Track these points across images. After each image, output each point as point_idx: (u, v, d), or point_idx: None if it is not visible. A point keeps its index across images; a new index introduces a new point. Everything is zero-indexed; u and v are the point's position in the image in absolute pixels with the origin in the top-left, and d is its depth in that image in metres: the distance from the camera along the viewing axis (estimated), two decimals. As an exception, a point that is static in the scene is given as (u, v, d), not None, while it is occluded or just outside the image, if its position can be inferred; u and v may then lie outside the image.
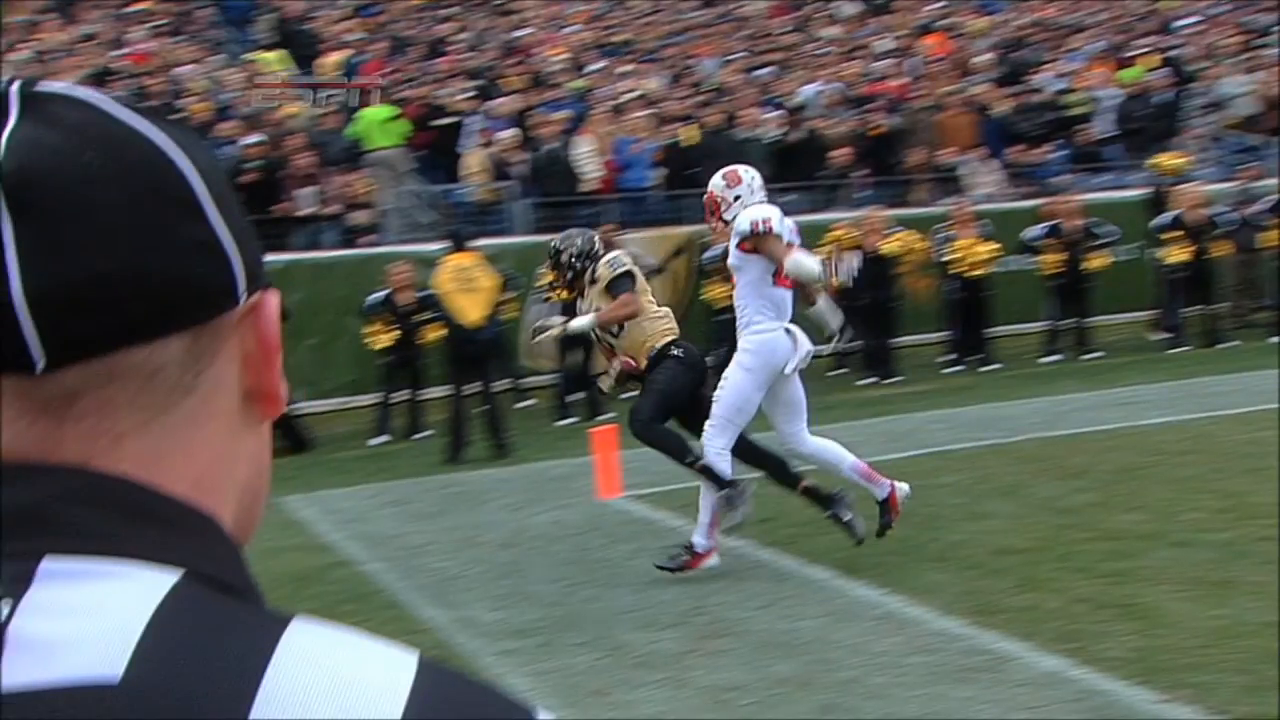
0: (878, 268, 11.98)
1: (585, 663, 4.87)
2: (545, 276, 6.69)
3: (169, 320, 0.63)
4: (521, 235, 13.41)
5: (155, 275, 0.61)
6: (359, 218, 13.31)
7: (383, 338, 10.72)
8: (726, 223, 6.13)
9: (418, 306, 10.52)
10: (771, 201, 13.33)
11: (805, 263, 5.93)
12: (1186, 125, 16.58)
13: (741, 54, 18.18)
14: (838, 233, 12.16)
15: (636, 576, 6.06)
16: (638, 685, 4.57)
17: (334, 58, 15.84)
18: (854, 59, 18.19)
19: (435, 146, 14.57)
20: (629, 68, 17.04)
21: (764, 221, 5.91)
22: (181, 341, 0.63)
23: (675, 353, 6.25)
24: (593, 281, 6.41)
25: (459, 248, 10.18)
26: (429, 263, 10.52)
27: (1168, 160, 14.41)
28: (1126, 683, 4.14)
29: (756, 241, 5.93)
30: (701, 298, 12.49)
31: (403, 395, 11.03)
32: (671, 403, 6.19)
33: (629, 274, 6.35)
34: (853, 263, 6.01)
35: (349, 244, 13.02)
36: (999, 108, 16.33)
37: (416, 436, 10.96)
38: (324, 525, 7.61)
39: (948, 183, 15.27)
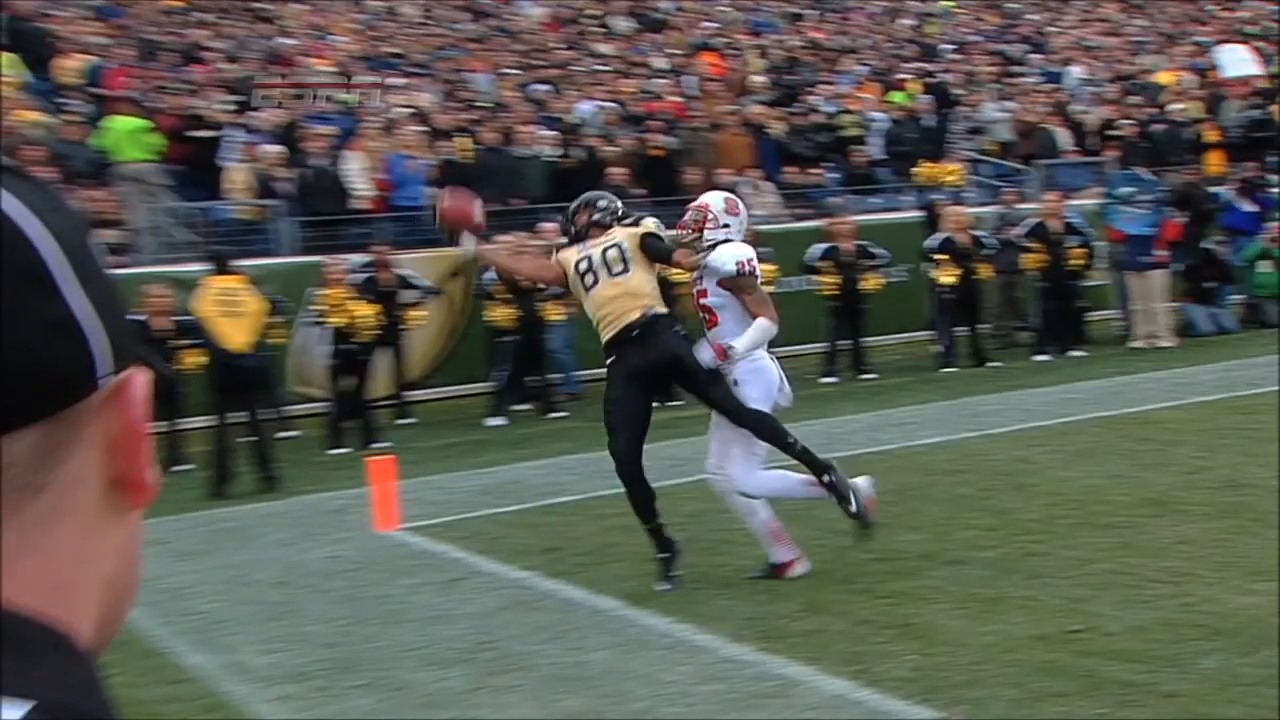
0: (661, 289, 12.19)
1: (367, 705, 4.81)
2: (577, 219, 6.46)
3: (17, 414, 0.58)
4: (288, 256, 13.12)
5: (0, 365, 0.56)
6: (108, 236, 12.75)
7: (137, 365, 10.29)
8: (699, 237, 6.23)
9: (176, 332, 10.15)
10: (552, 220, 13.39)
11: (767, 334, 6.09)
12: (952, 149, 17.55)
13: (516, 69, 18.28)
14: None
15: (418, 612, 6.02)
16: (424, 727, 4.55)
17: (73, 62, 15.13)
18: (630, 77, 18.54)
19: (192, 160, 14.10)
20: (400, 81, 16.91)
21: (748, 262, 6.11)
22: (32, 435, 0.58)
23: (681, 330, 6.30)
24: (630, 225, 6.40)
25: (222, 269, 9.90)
26: (189, 285, 10.18)
27: (929, 170, 15.13)
28: (908, 702, 4.37)
29: (736, 282, 6.08)
30: (483, 320, 12.46)
31: (160, 426, 10.61)
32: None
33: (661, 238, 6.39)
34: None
35: (97, 264, 12.45)
36: (774, 128, 16.91)
37: (176, 470, 10.57)
38: (75, 570, 7.25)
39: (726, 203, 15.68)
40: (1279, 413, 8.65)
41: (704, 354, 6.08)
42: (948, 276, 13.46)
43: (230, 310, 9.61)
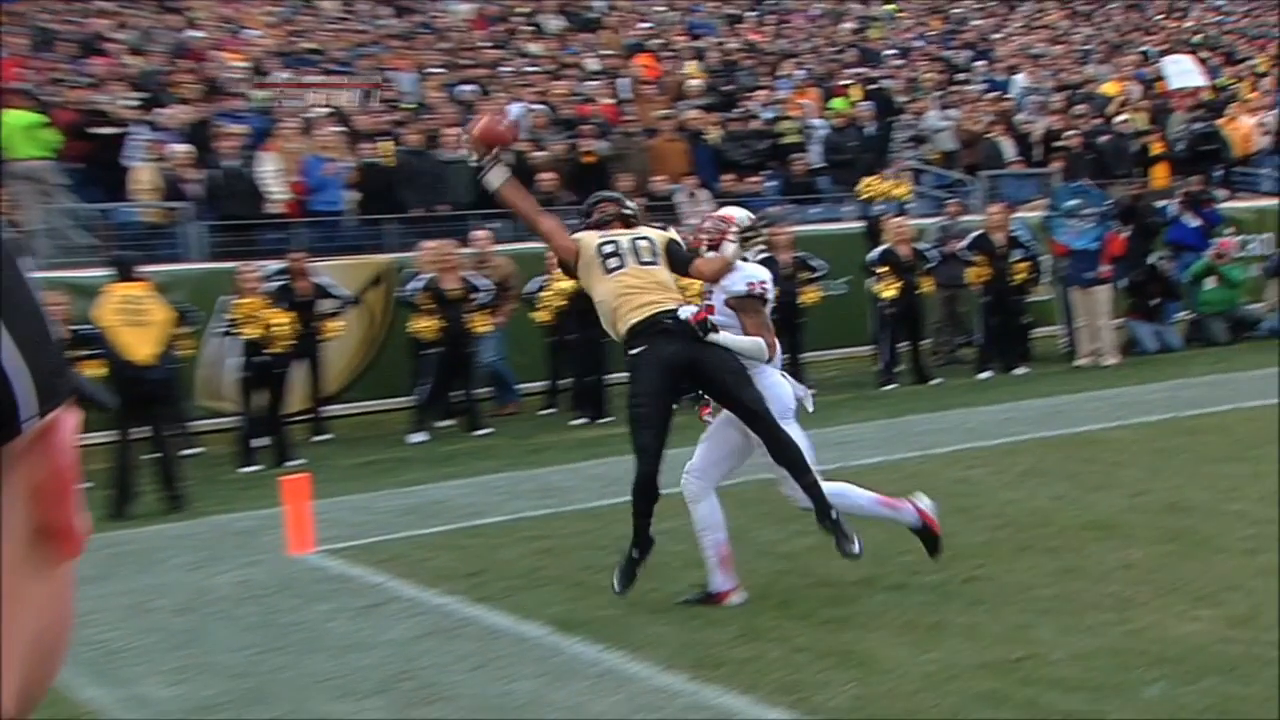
0: (588, 303, 12.20)
1: (279, 740, 4.78)
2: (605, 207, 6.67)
3: None
4: (197, 262, 12.97)
5: None
6: None
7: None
8: (713, 249, 6.30)
9: (73, 343, 9.99)
10: (481, 228, 13.36)
11: (755, 350, 6.14)
12: (894, 158, 17.75)
13: (441, 69, 18.25)
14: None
15: (334, 640, 5.98)
16: (340, 762, 4.52)
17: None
18: (561, 78, 18.57)
19: (93, 159, 13.91)
20: (319, 78, 16.81)
21: (760, 284, 6.24)
22: None
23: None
24: (655, 226, 6.62)
25: (126, 276, 9.77)
26: (88, 293, 10.04)
27: (878, 185, 15.26)
28: (847, 732, 4.42)
29: (741, 302, 6.18)
30: (406, 330, 12.38)
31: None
32: None
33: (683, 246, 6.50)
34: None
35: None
36: (711, 134, 17.00)
37: (73, 489, 10.41)
38: (-37, 595, 7.11)
39: (661, 211, 15.75)
40: (1237, 433, 8.85)
41: (685, 310, 6.15)
42: (889, 290, 13.59)
43: (134, 319, 9.49)
